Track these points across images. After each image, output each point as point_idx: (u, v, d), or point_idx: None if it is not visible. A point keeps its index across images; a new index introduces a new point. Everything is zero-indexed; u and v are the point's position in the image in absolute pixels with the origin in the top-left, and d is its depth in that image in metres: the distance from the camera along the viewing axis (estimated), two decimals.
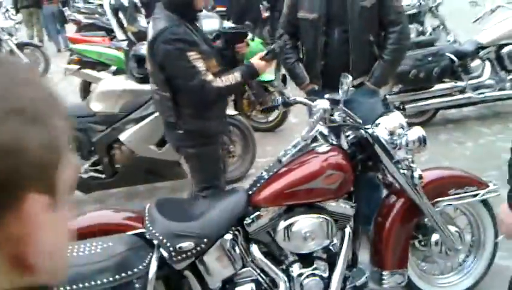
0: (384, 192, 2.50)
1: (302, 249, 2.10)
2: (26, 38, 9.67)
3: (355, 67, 2.66)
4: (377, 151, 2.14)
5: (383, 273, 2.25)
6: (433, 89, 4.63)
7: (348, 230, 2.18)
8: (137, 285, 1.86)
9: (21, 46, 8.07)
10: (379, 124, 2.21)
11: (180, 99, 2.44)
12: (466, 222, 2.49)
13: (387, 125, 2.18)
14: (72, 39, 6.32)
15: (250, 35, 3.49)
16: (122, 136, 3.42)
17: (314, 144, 2.18)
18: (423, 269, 2.44)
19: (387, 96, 4.51)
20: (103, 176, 3.54)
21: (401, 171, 2.16)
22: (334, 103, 2.04)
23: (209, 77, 2.36)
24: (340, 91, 2.08)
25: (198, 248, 1.99)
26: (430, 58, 4.49)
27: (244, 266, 2.15)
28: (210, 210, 2.14)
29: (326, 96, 2.09)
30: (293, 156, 2.18)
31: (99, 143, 3.47)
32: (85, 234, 2.01)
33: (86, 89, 5.59)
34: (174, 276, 2.08)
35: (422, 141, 2.08)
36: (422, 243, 2.37)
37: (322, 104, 2.03)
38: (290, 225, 2.07)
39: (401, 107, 4.51)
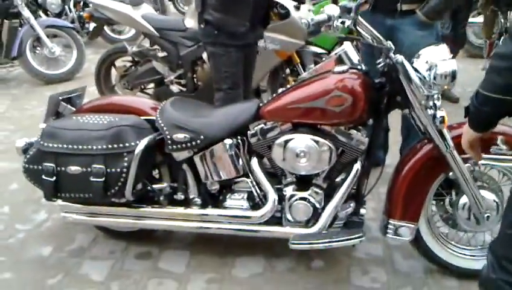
0: None
1: (295, 168, 2.01)
2: None
3: None
4: (402, 82, 1.88)
5: (390, 221, 2.03)
6: None
7: (356, 165, 2.01)
8: (126, 158, 2.00)
9: None
10: (420, 55, 1.92)
11: None
12: None
13: (429, 58, 1.88)
14: None
15: None
16: (205, 55, 3.56)
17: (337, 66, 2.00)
18: (444, 231, 2.13)
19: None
20: (185, 89, 3.78)
21: (428, 110, 1.89)
22: (346, 11, 1.83)
23: None
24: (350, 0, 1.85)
25: (193, 143, 2.05)
26: None
27: (242, 176, 2.15)
28: (216, 112, 2.17)
29: (341, 3, 1.88)
30: (311, 74, 2.06)
31: (185, 57, 3.67)
32: (106, 110, 2.22)
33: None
34: (175, 167, 2.19)
35: (450, 76, 1.77)
36: (451, 202, 2.06)
37: (330, 9, 1.84)
38: (287, 141, 1.99)
39: None
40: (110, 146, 2.00)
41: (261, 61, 3.23)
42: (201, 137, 2.05)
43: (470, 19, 4.93)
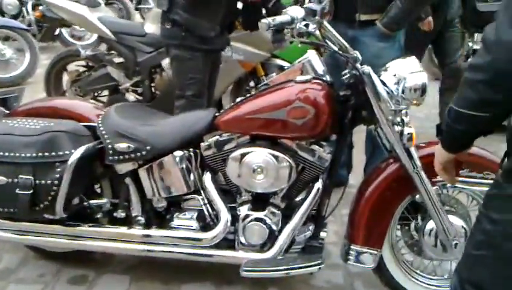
0: None
1: (251, 185, 1.82)
2: None
3: (364, 0, 2.24)
4: (368, 95, 1.74)
5: (351, 247, 1.86)
6: None
7: (317, 184, 1.83)
8: (58, 169, 1.76)
9: None
10: (388, 68, 1.79)
11: None
12: None
13: (398, 71, 1.75)
14: None
15: None
16: (164, 61, 3.37)
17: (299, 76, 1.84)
18: (408, 259, 1.98)
19: None
20: (141, 98, 3.55)
21: (395, 126, 1.74)
22: (311, 13, 1.68)
23: None
24: (315, 3, 1.71)
25: (138, 154, 1.84)
26: None
27: (193, 193, 1.94)
28: (167, 120, 1.96)
29: (305, 5, 1.73)
30: (271, 83, 1.89)
31: (143, 64, 3.46)
32: (44, 114, 1.98)
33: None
34: (117, 180, 1.96)
35: (420, 90, 1.64)
36: (417, 227, 1.92)
37: (294, 11, 1.69)
38: (243, 155, 1.80)
39: None
40: (40, 154, 1.76)
41: (225, 71, 3.07)
42: (148, 147, 1.84)
43: None
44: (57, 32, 5.68)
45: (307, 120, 1.73)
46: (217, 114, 1.91)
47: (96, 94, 3.74)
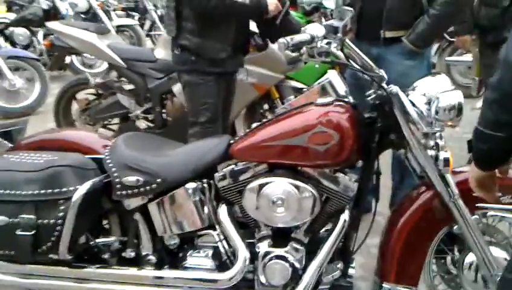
0: None
1: (271, 219, 1.66)
2: None
3: (389, 16, 2.15)
4: (397, 117, 1.59)
5: (383, 285, 1.69)
6: None
7: (343, 216, 1.67)
8: (62, 207, 1.63)
9: None
10: (416, 87, 1.65)
11: (183, 10, 2.37)
12: None
13: (427, 90, 1.61)
14: None
15: None
16: (175, 87, 3.26)
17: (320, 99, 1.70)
18: None
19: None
20: (152, 125, 3.45)
21: (428, 150, 1.59)
22: (332, 31, 1.54)
23: None
24: (336, 20, 1.58)
25: (148, 187, 1.70)
26: None
27: (208, 228, 1.79)
28: (177, 150, 1.83)
29: (325, 22, 1.60)
30: (289, 107, 1.75)
31: (154, 90, 3.36)
32: (48, 147, 1.86)
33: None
34: (125, 217, 1.82)
35: (456, 110, 1.49)
36: (455, 260, 1.74)
37: (313, 29, 1.55)
38: (261, 186, 1.65)
39: None
40: (42, 191, 1.63)
41: (238, 94, 2.95)
42: (158, 180, 1.70)
43: (455, 58, 4.77)
44: (68, 60, 5.67)
45: (330, 146, 1.58)
46: (231, 141, 1.77)
47: (106, 122, 3.65)
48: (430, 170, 1.60)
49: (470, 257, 1.68)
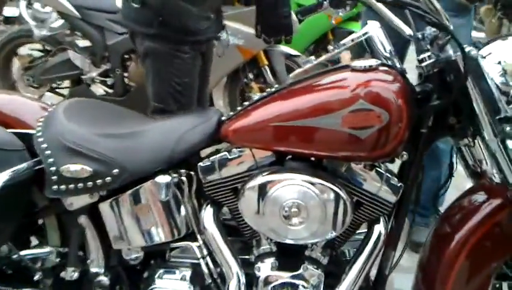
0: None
1: (279, 233, 1.17)
2: None
3: None
4: (471, 95, 1.10)
5: None
6: None
7: (379, 227, 1.19)
8: None
9: None
10: (489, 52, 1.17)
11: None
12: None
13: (504, 57, 1.14)
14: None
15: None
16: None
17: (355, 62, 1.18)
18: None
19: None
20: (111, 91, 2.87)
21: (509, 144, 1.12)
22: None
23: None
24: None
25: (99, 181, 1.16)
26: None
27: (185, 238, 1.27)
28: (147, 126, 1.27)
29: None
30: (310, 72, 1.22)
31: (114, 48, 2.79)
32: None
33: None
34: (67, 220, 1.27)
35: None
36: None
37: None
38: (266, 184, 1.13)
39: None
40: None
41: (218, 59, 2.38)
42: (114, 171, 1.16)
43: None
44: (15, 13, 4.90)
45: (375, 131, 1.08)
46: (223, 118, 1.24)
47: (54, 86, 3.09)
48: (509, 171, 1.12)
49: None
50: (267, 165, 1.19)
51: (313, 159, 1.19)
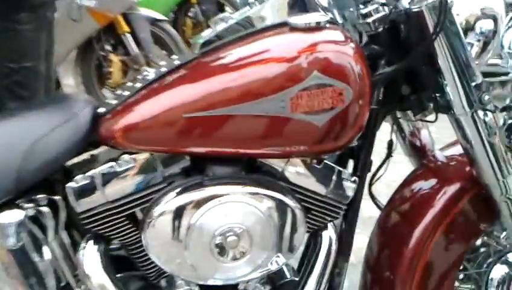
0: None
1: (209, 276, 0.81)
2: None
3: None
4: (439, 56, 0.86)
5: None
6: None
7: (328, 232, 0.91)
8: None
9: None
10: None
11: None
12: None
13: (458, 9, 0.91)
14: None
15: None
16: None
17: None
18: None
19: None
20: None
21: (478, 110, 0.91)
22: None
23: None
24: None
25: None
26: None
27: None
28: None
29: None
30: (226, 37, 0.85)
31: None
32: None
33: None
34: None
35: None
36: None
37: None
38: (186, 208, 0.76)
39: None
40: None
41: (66, 28, 1.87)
42: None
43: None
44: None
45: (336, 114, 0.77)
46: (100, 111, 0.81)
47: None
48: (480, 149, 0.92)
49: (496, 273, 1.12)
50: (179, 176, 0.80)
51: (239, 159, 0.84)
